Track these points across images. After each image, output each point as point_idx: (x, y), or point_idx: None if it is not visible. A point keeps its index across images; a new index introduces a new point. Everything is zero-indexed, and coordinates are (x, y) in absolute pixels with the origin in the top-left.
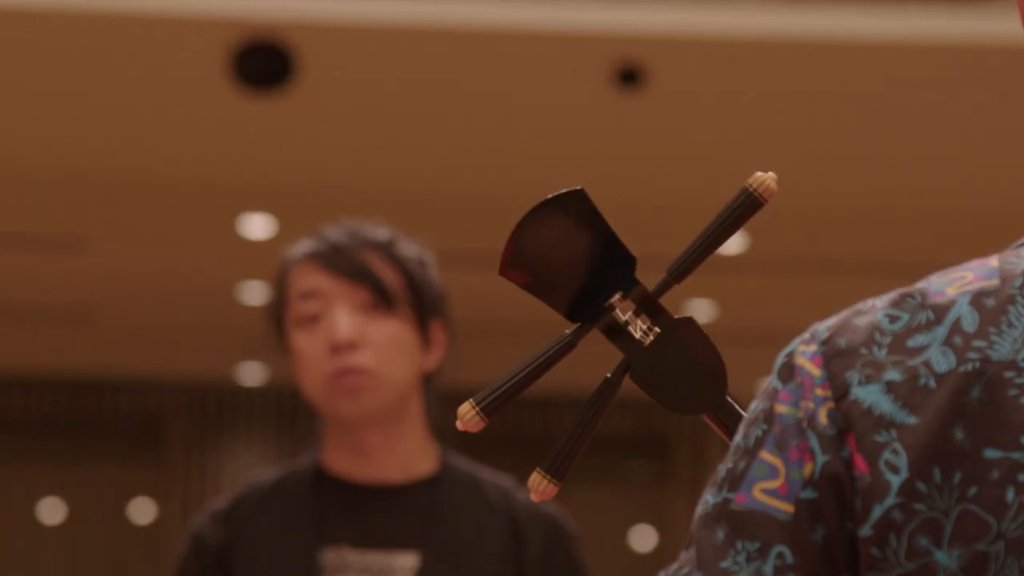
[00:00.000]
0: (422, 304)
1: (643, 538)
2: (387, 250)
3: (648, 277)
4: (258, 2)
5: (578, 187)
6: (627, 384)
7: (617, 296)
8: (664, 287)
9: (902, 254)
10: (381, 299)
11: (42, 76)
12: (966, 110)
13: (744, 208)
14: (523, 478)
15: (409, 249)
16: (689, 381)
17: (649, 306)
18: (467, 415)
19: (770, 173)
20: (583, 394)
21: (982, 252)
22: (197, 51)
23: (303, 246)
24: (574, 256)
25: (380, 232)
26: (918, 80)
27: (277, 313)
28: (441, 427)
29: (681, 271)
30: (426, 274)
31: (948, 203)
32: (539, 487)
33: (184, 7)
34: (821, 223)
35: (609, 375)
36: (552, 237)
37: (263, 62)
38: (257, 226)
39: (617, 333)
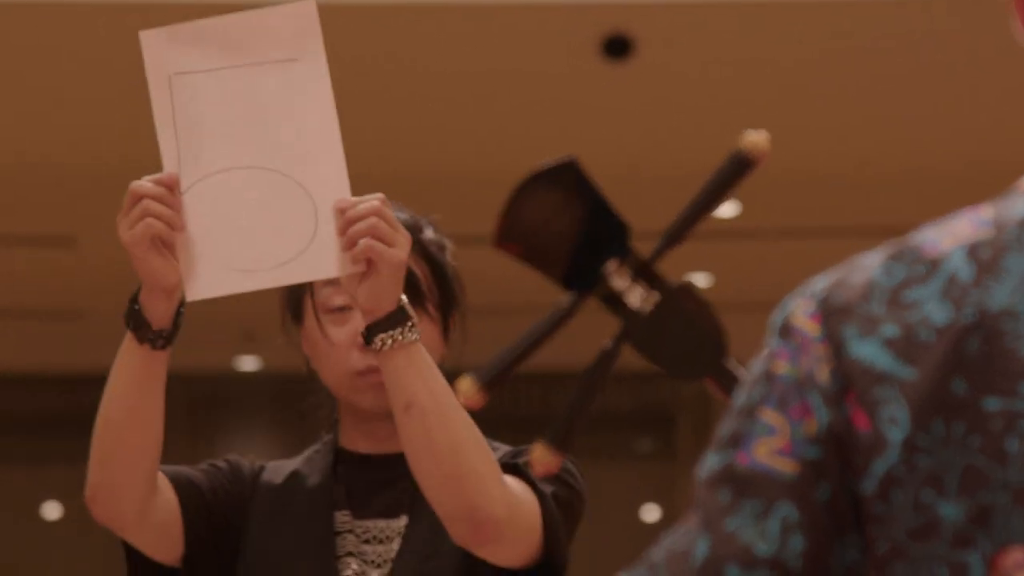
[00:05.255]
0: (447, 300)
1: (651, 513)
2: (415, 237)
3: (639, 248)
4: None
5: (570, 156)
6: (629, 359)
7: (613, 264)
8: (660, 251)
9: (896, 217)
10: (411, 295)
11: (26, 72)
12: (960, 71)
13: (737, 169)
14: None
15: (431, 236)
16: (689, 346)
17: (646, 273)
18: (468, 390)
19: (761, 131)
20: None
21: None
22: None
23: None
24: (568, 225)
25: (403, 217)
26: (912, 41)
27: (296, 296)
28: None
29: (677, 234)
30: (449, 264)
31: (941, 165)
32: (543, 458)
33: None
34: (813, 189)
35: (608, 344)
36: (545, 207)
37: None
38: None
39: (614, 301)
